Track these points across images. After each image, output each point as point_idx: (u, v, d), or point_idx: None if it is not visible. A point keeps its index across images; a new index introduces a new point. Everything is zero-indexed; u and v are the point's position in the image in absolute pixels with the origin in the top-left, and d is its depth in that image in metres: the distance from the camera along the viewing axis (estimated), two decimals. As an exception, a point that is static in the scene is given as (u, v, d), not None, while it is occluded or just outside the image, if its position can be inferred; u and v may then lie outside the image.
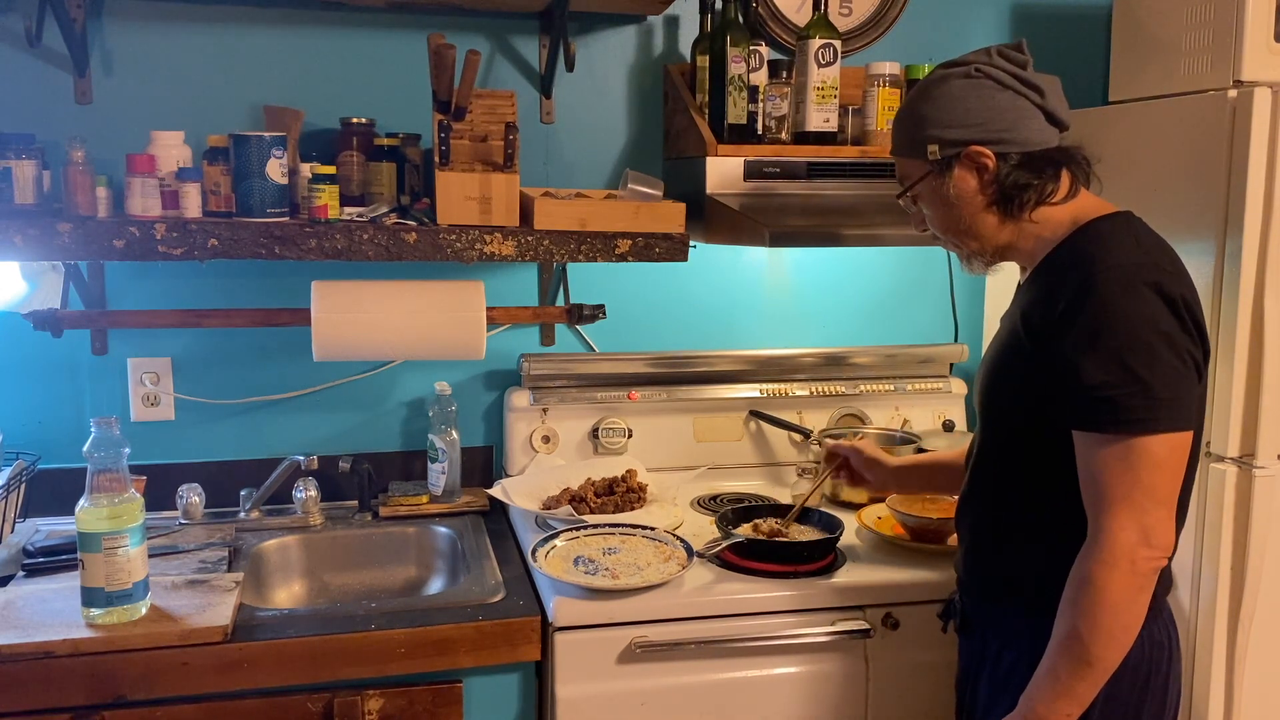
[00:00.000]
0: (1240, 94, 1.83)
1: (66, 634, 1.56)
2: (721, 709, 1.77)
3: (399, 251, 1.90)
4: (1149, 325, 1.33)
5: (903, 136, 1.54)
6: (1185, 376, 1.35)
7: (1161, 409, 1.33)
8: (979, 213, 1.49)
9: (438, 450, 2.19)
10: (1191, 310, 1.37)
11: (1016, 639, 1.51)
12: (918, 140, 1.49)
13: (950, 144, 1.46)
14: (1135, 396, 1.33)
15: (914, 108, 1.51)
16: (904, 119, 1.54)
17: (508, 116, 2.00)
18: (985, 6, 2.49)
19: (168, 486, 2.11)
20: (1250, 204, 1.81)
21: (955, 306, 2.57)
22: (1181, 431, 1.35)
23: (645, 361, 2.34)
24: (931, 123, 1.47)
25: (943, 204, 1.50)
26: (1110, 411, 1.34)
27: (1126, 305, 1.34)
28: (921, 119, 1.49)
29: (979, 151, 1.45)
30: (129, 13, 2.06)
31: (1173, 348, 1.34)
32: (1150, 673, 1.47)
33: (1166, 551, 1.36)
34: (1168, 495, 1.36)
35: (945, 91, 1.47)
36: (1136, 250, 1.39)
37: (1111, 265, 1.37)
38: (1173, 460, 1.35)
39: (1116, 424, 1.34)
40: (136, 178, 1.84)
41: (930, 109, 1.48)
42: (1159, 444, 1.33)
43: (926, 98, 1.49)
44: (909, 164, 1.53)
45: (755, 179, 2.06)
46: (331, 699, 1.65)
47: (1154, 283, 1.35)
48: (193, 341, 2.18)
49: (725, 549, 1.84)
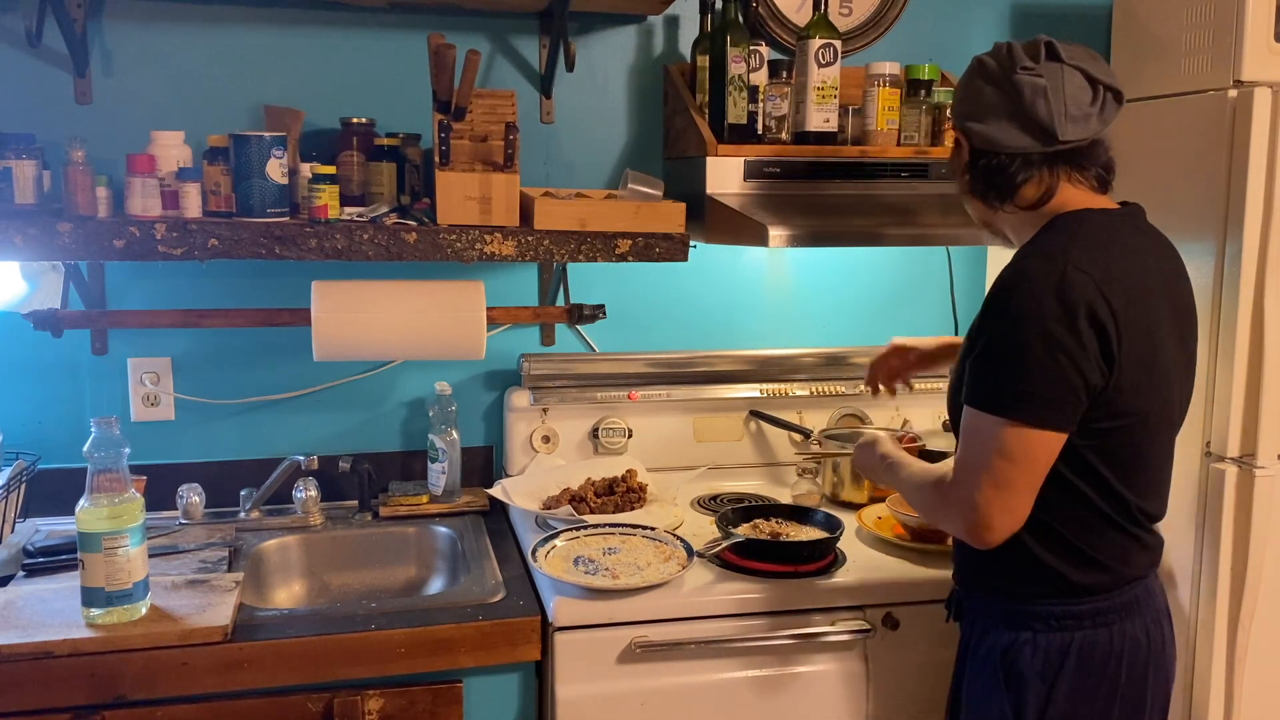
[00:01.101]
0: (1240, 94, 1.83)
1: (66, 634, 1.56)
2: (721, 709, 1.77)
3: (399, 251, 1.90)
4: (1031, 320, 1.37)
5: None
6: (1056, 377, 1.37)
7: (1019, 400, 1.38)
8: (964, 193, 1.58)
9: (438, 450, 2.19)
10: (1095, 317, 1.37)
11: (992, 626, 1.54)
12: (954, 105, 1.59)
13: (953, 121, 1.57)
14: (1000, 383, 1.39)
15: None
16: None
17: (508, 116, 2.00)
18: (985, 6, 2.49)
19: (168, 486, 2.11)
20: (1250, 204, 1.81)
21: (955, 306, 2.57)
22: (1036, 429, 1.38)
23: (645, 361, 2.34)
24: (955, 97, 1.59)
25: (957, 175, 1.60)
26: (977, 390, 1.43)
27: (1017, 297, 1.39)
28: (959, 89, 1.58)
29: (957, 134, 1.55)
30: (129, 13, 2.06)
31: (1048, 348, 1.36)
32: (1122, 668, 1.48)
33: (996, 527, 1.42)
34: (1010, 482, 1.40)
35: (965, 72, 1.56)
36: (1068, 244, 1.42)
37: (1031, 255, 1.44)
38: (1021, 452, 1.39)
39: (979, 402, 1.42)
40: (136, 178, 1.84)
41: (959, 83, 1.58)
42: (1009, 433, 1.39)
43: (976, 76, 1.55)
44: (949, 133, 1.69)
45: (755, 179, 2.06)
46: (331, 699, 1.65)
47: (1057, 282, 1.37)
48: (193, 341, 2.18)
49: (725, 549, 1.84)
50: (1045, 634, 1.49)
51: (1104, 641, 1.48)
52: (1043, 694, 1.48)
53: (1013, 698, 1.50)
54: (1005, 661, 1.51)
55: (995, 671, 1.51)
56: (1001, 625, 1.53)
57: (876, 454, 1.73)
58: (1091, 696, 1.48)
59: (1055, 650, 1.48)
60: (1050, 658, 1.48)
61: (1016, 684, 1.50)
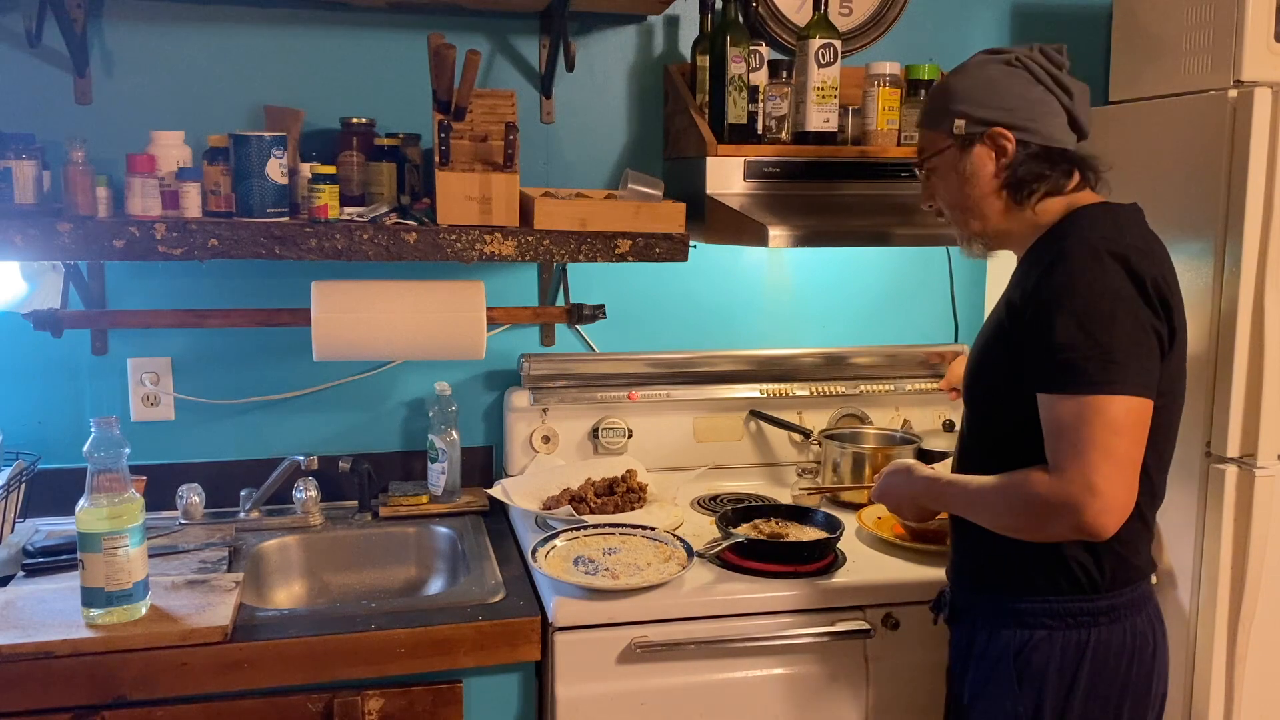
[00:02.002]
0: (1240, 94, 1.83)
1: (66, 634, 1.56)
2: (722, 709, 1.77)
3: (399, 251, 1.90)
4: (1109, 293, 1.37)
5: (931, 107, 1.60)
6: (1144, 345, 1.38)
7: (1117, 371, 1.36)
8: (989, 194, 1.54)
9: (438, 450, 2.19)
10: (1160, 289, 1.40)
11: (1003, 626, 1.53)
12: (945, 112, 1.54)
13: (976, 121, 1.52)
14: (1092, 360, 1.36)
15: (947, 82, 1.57)
16: (936, 91, 1.61)
17: (508, 116, 1.99)
18: (985, 7, 2.49)
19: (168, 486, 2.10)
20: (1250, 204, 1.81)
21: (955, 306, 2.57)
22: (1138, 397, 1.37)
23: (645, 361, 2.34)
24: (962, 99, 1.53)
25: (957, 179, 1.55)
26: (1069, 372, 1.37)
27: (1090, 273, 1.39)
28: (953, 93, 1.55)
29: (1001, 133, 1.51)
30: (129, 13, 2.06)
31: (1133, 316, 1.37)
32: (1132, 664, 1.48)
33: (1117, 509, 1.37)
34: (1124, 456, 1.37)
35: (983, 73, 1.54)
36: (1113, 229, 1.44)
37: (1083, 239, 1.42)
38: (1129, 422, 1.37)
39: (1075, 385, 1.37)
40: (136, 178, 1.84)
41: (964, 85, 1.54)
42: (1115, 405, 1.36)
43: (963, 75, 1.56)
44: (932, 135, 1.58)
45: (755, 179, 2.06)
46: (331, 699, 1.65)
47: (1120, 256, 1.39)
48: (193, 341, 2.18)
49: (725, 549, 1.84)
50: (1062, 631, 1.48)
51: (1117, 638, 1.48)
52: (1061, 693, 1.47)
53: (1029, 699, 1.49)
54: (1019, 662, 1.49)
55: (1008, 672, 1.50)
56: (1013, 625, 1.51)
57: (917, 478, 1.63)
58: (1105, 694, 1.48)
59: (1072, 648, 1.48)
60: (1068, 656, 1.48)
61: (1033, 684, 1.49)
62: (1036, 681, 1.49)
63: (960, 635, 1.63)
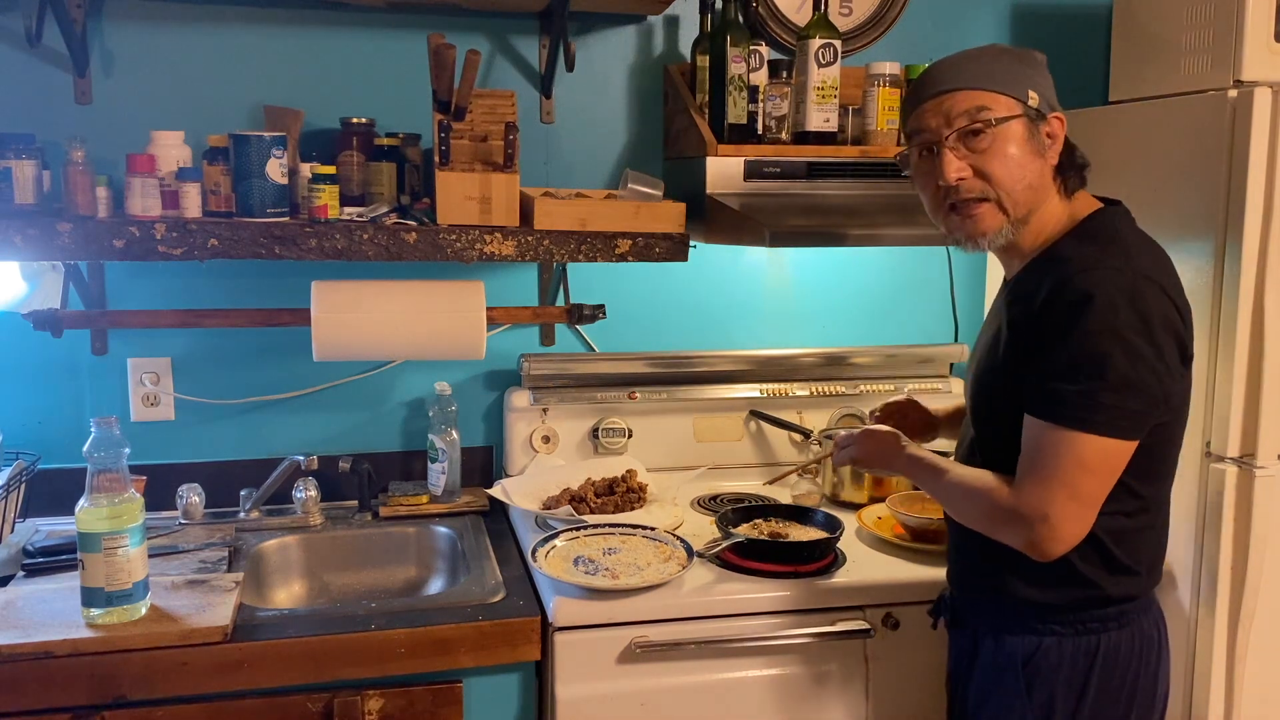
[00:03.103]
0: (1240, 94, 1.83)
1: (66, 634, 1.56)
2: (721, 709, 1.77)
3: (399, 251, 1.90)
4: (1110, 334, 1.35)
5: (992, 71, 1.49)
6: (1136, 388, 1.37)
7: (1101, 413, 1.36)
8: (1049, 177, 1.50)
9: (438, 450, 2.19)
10: (1169, 323, 1.39)
11: (1009, 632, 1.52)
12: (1017, 81, 1.48)
13: (1045, 101, 1.49)
14: (1078, 396, 1.36)
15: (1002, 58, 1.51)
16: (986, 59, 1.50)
17: (508, 116, 2.00)
18: (985, 6, 2.49)
19: (168, 486, 2.10)
20: (1250, 204, 1.81)
21: (955, 306, 2.57)
22: (1118, 439, 1.38)
23: (645, 361, 2.34)
24: (1028, 76, 1.49)
25: (1026, 152, 1.47)
26: (1054, 402, 1.38)
27: (1095, 310, 1.36)
28: (1016, 69, 1.49)
29: (1059, 119, 1.50)
30: (129, 13, 2.06)
31: (1130, 359, 1.36)
32: (1140, 666, 1.48)
33: (1065, 539, 1.40)
34: (1087, 495, 1.39)
35: (1033, 60, 1.51)
36: (1119, 255, 1.41)
37: (1091, 267, 1.39)
38: (1100, 463, 1.38)
39: (1057, 416, 1.38)
40: (136, 178, 1.84)
41: (1023, 66, 1.50)
42: (1091, 445, 1.37)
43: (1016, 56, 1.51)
44: (998, 99, 1.47)
45: (755, 179, 2.06)
46: (331, 699, 1.65)
47: (1130, 292, 1.37)
48: (193, 341, 2.18)
49: (725, 549, 1.84)
50: (1072, 638, 1.47)
51: (1126, 642, 1.47)
52: (1072, 699, 1.47)
53: (1039, 706, 1.48)
54: (1029, 669, 1.48)
55: (1016, 680, 1.49)
56: (1020, 631, 1.50)
57: (900, 447, 1.66)
58: (1114, 697, 1.47)
59: (1083, 654, 1.47)
60: (1078, 662, 1.47)
61: (1044, 691, 1.48)
62: (1046, 688, 1.48)
63: (963, 641, 1.62)
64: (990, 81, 1.48)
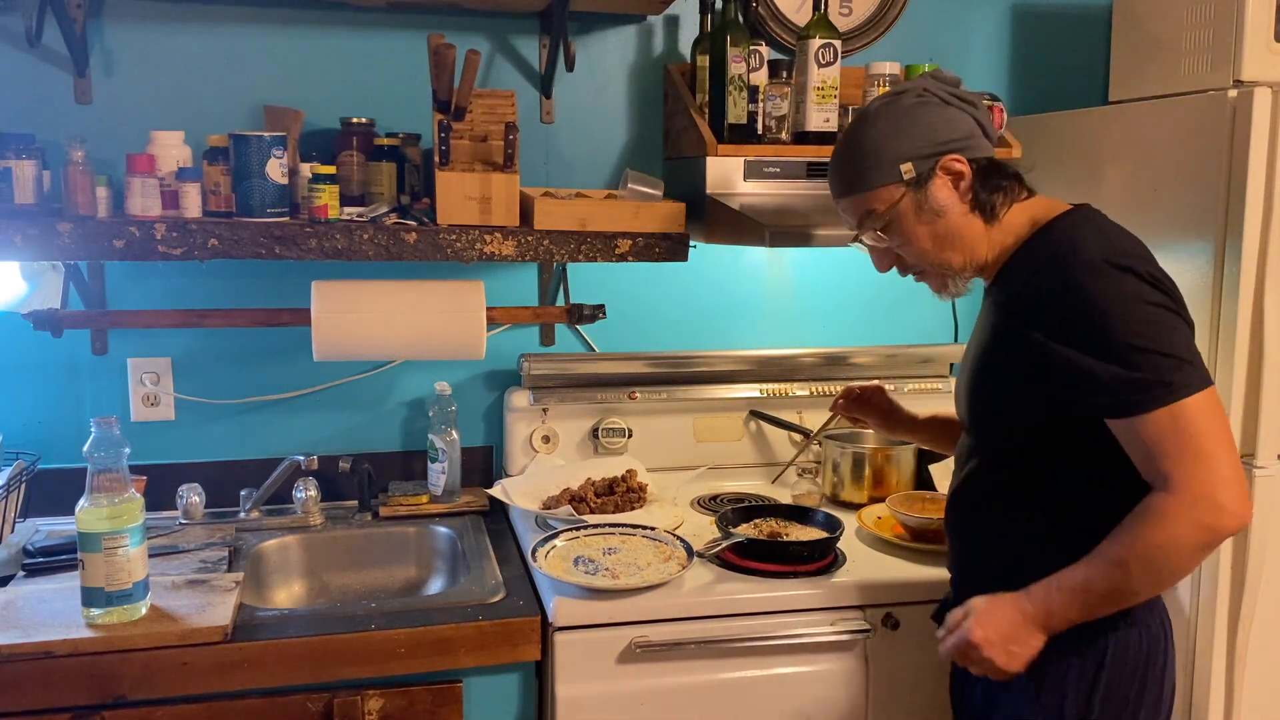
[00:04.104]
0: (1240, 94, 1.83)
1: (66, 634, 1.56)
2: (721, 709, 1.77)
3: (399, 251, 1.90)
4: (1140, 301, 1.35)
5: (861, 169, 1.49)
6: (1190, 338, 1.37)
7: (1186, 370, 1.33)
8: (964, 220, 1.49)
9: (438, 450, 2.19)
10: (1168, 286, 1.39)
11: None
12: (884, 164, 1.47)
13: (922, 159, 1.46)
14: (1161, 370, 1.32)
15: (866, 138, 1.49)
16: (855, 153, 1.50)
17: (508, 116, 2.00)
18: (985, 7, 2.49)
19: (168, 486, 2.10)
20: (1250, 204, 1.81)
21: (955, 306, 2.57)
22: (1210, 387, 1.35)
23: (645, 361, 2.34)
24: (894, 145, 1.46)
25: (926, 222, 1.48)
26: (1145, 391, 1.33)
27: (1113, 292, 1.35)
28: (881, 144, 1.47)
29: (953, 159, 1.46)
30: (129, 13, 2.06)
31: (1173, 316, 1.36)
32: (1148, 665, 1.48)
33: (1245, 493, 1.32)
34: (1227, 442, 1.34)
35: (898, 114, 1.47)
36: (1102, 241, 1.41)
37: (1085, 259, 1.38)
38: (1208, 419, 1.33)
39: (1156, 400, 1.33)
40: (136, 178, 1.84)
41: (887, 132, 1.47)
42: (1187, 410, 1.32)
43: (877, 124, 1.48)
44: (875, 196, 1.49)
45: (755, 179, 2.06)
46: (331, 699, 1.65)
47: (1126, 267, 1.37)
48: (193, 341, 2.18)
49: (725, 549, 1.84)
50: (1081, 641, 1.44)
51: (1135, 641, 1.46)
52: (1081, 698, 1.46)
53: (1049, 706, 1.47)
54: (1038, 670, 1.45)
55: (1025, 683, 1.47)
56: None
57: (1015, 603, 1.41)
58: (1124, 696, 1.47)
59: (1093, 654, 1.45)
60: (1087, 662, 1.45)
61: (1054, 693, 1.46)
62: (1057, 690, 1.46)
63: None
64: (860, 182, 1.49)
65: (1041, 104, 2.50)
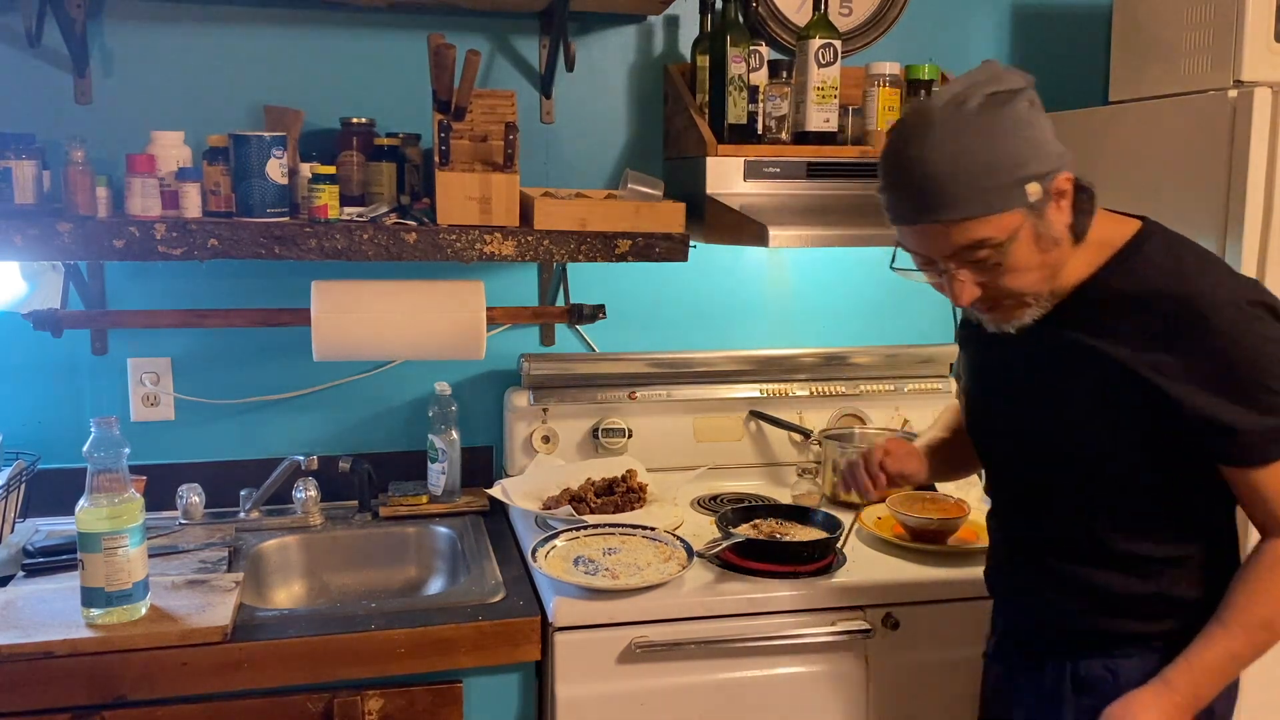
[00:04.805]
0: (1240, 94, 1.83)
1: (66, 634, 1.56)
2: (721, 709, 1.77)
3: (399, 251, 1.90)
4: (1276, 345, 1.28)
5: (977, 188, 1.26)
6: None
7: None
8: (1066, 248, 1.33)
9: (438, 450, 2.19)
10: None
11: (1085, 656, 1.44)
12: (1012, 185, 1.26)
13: (1043, 177, 1.27)
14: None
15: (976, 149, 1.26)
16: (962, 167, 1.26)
17: (508, 116, 2.00)
18: (985, 7, 2.49)
19: (168, 486, 2.10)
20: (1250, 204, 1.81)
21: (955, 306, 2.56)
22: None
23: (645, 361, 2.34)
24: (1020, 160, 1.26)
25: (1044, 250, 1.31)
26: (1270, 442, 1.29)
27: (1256, 335, 1.28)
28: (1000, 158, 1.26)
29: (1065, 178, 1.30)
30: (129, 13, 2.06)
31: None
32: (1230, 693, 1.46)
33: None
34: None
35: (1014, 122, 1.27)
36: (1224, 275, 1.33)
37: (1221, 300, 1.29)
38: None
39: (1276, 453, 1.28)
40: (136, 178, 1.84)
41: (1006, 144, 1.26)
42: None
43: (992, 134, 1.26)
44: (994, 222, 1.27)
45: (755, 179, 2.06)
46: (331, 699, 1.65)
47: (1259, 302, 1.30)
48: (193, 341, 2.18)
49: (725, 549, 1.84)
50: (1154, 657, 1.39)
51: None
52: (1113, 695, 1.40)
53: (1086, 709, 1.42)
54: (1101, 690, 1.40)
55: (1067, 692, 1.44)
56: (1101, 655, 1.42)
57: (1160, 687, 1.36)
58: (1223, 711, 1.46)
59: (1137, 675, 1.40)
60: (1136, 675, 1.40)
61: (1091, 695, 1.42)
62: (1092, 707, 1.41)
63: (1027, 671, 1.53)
64: (981, 204, 1.26)
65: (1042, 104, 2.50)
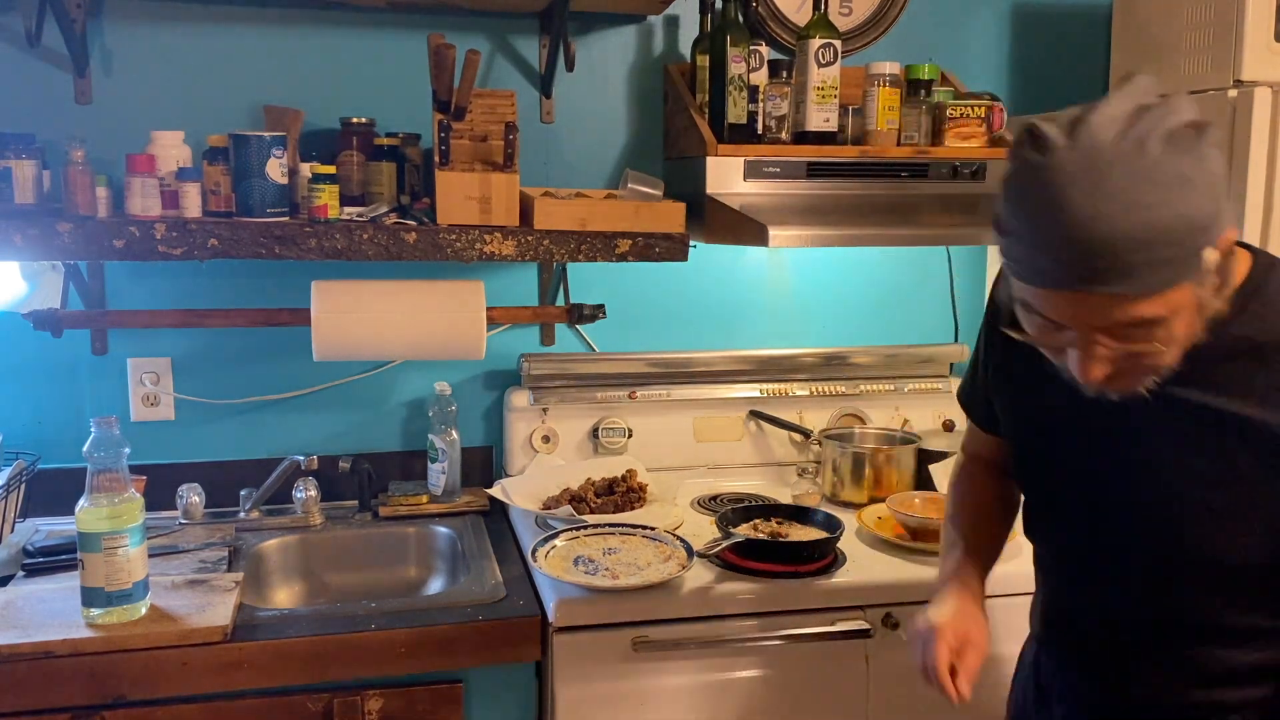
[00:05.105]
0: (1240, 94, 1.83)
1: (66, 634, 1.56)
2: (721, 709, 1.77)
3: (399, 251, 1.90)
4: None
5: (1165, 261, 1.02)
6: None
7: None
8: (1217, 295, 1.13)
9: (438, 450, 2.19)
10: None
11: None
12: (1191, 253, 1.04)
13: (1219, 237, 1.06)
14: None
15: (1174, 209, 1.01)
16: (1160, 232, 1.01)
17: (508, 116, 2.00)
18: (985, 7, 2.49)
19: (168, 486, 2.10)
20: (1250, 204, 1.81)
21: (955, 306, 2.57)
22: None
23: (645, 361, 2.34)
24: (1201, 221, 1.03)
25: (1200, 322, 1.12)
26: None
27: None
28: (1191, 222, 1.02)
29: (1233, 233, 1.10)
30: (129, 13, 2.06)
31: None
32: None
33: None
34: None
35: (1206, 170, 1.04)
36: None
37: None
38: None
39: None
40: (136, 178, 1.84)
41: (1201, 202, 1.02)
42: None
43: (1188, 187, 1.01)
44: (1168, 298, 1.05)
45: (755, 179, 2.06)
46: (331, 699, 1.65)
47: None
48: (193, 341, 2.18)
49: (725, 549, 1.84)
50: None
51: None
52: None
53: None
54: None
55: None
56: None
57: None
58: None
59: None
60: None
61: None
62: None
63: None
64: (1159, 278, 1.03)
65: (1041, 104, 2.50)
